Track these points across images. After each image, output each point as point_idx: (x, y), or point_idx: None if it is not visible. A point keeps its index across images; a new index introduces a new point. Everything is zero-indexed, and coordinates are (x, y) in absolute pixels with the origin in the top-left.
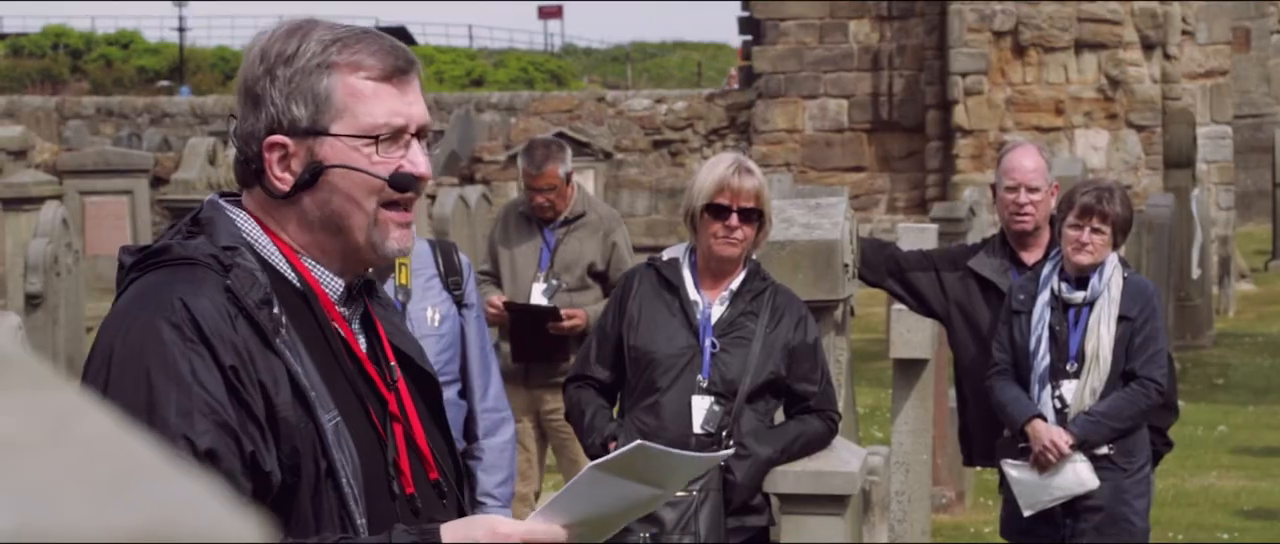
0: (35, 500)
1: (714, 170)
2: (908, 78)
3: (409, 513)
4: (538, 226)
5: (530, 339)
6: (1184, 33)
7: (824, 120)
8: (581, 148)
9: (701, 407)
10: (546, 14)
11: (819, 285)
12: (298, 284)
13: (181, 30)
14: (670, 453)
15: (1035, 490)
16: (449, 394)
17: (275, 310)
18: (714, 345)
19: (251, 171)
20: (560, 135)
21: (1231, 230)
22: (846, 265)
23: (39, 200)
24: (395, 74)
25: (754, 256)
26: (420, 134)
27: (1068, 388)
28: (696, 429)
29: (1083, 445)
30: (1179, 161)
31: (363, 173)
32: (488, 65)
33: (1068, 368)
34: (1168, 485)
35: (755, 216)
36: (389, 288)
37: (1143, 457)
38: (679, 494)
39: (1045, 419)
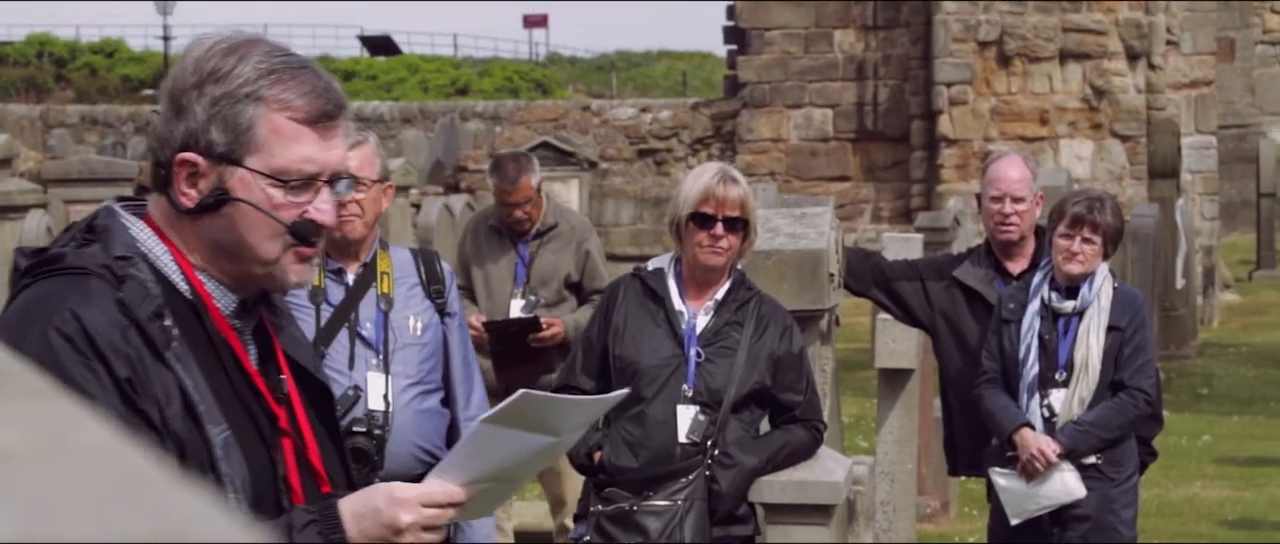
0: (38, 510)
1: (699, 180)
2: (893, 87)
3: None
4: (511, 241)
5: (512, 355)
6: (1169, 43)
7: (809, 130)
8: (566, 157)
9: (687, 416)
10: (531, 23)
11: (804, 295)
12: (189, 296)
13: (166, 39)
14: (555, 398)
15: (1022, 499)
16: (432, 403)
17: (167, 323)
18: (699, 355)
19: (161, 177)
20: (545, 144)
21: (1216, 241)
22: (832, 275)
23: (24, 209)
24: (321, 119)
25: (739, 266)
26: (334, 179)
27: (1056, 397)
28: (682, 439)
29: (1070, 454)
30: (1163, 172)
31: (265, 214)
32: (473, 74)
33: (1057, 377)
34: (1152, 495)
35: (740, 226)
36: (371, 297)
37: (1130, 466)
38: (663, 503)
39: (1033, 428)
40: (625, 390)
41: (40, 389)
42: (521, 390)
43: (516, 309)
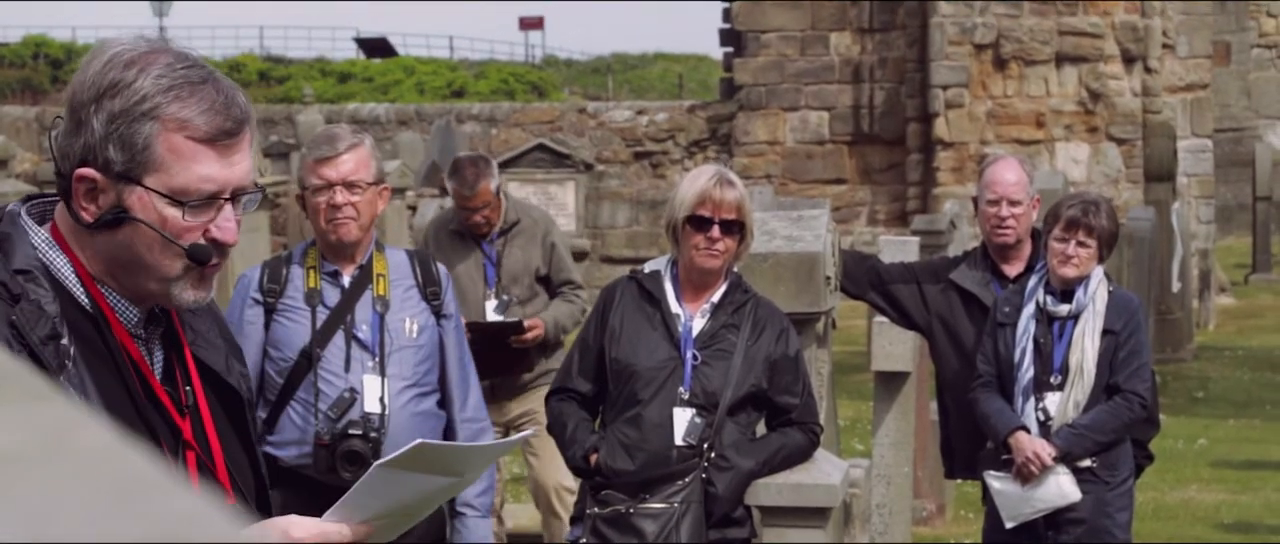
0: (36, 513)
1: (696, 182)
2: (889, 90)
3: None
4: (474, 241)
5: (493, 356)
6: (1165, 46)
7: (805, 132)
8: (562, 159)
9: (683, 419)
10: (527, 25)
11: (801, 298)
12: (89, 309)
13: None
14: (453, 447)
15: (1017, 502)
16: (428, 405)
17: (64, 342)
18: (695, 358)
19: (63, 188)
20: (541, 146)
21: (1212, 244)
22: (828, 278)
23: None
24: (220, 136)
25: (736, 269)
26: (237, 195)
27: (1051, 400)
28: (678, 441)
29: (1065, 458)
30: (1159, 175)
31: (164, 237)
32: (468, 76)
33: (1052, 380)
34: (1148, 499)
35: (737, 229)
36: (367, 299)
37: (1125, 470)
38: (659, 506)
39: (1028, 431)
40: (530, 431)
41: (40, 391)
42: (418, 440)
43: (491, 310)
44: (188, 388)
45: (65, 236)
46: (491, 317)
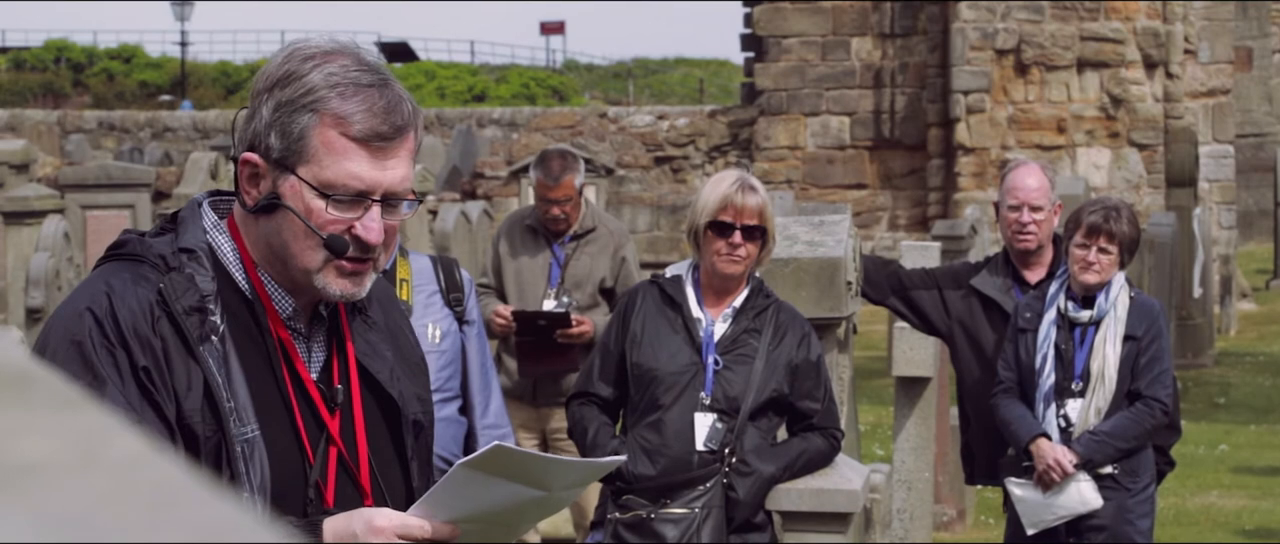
0: (69, 525)
1: (717, 187)
2: (910, 95)
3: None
4: (546, 241)
5: (538, 350)
6: (1186, 52)
7: (826, 137)
8: (584, 165)
9: (704, 424)
10: (548, 30)
11: (822, 303)
12: (248, 293)
13: (184, 44)
14: (531, 455)
15: (1039, 509)
16: (449, 411)
17: (214, 319)
18: (717, 363)
19: (236, 173)
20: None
21: (1233, 249)
22: (849, 283)
23: (41, 214)
24: (374, 139)
25: (757, 274)
26: (388, 199)
27: (1073, 407)
28: (699, 446)
29: (1087, 465)
30: (1181, 180)
31: (305, 224)
32: (490, 81)
33: (1073, 387)
34: (1169, 505)
35: (759, 234)
36: None
37: (1147, 476)
38: (680, 511)
39: (1050, 438)
40: (622, 457)
41: (70, 399)
42: (494, 443)
43: (547, 308)
44: (340, 387)
45: (237, 223)
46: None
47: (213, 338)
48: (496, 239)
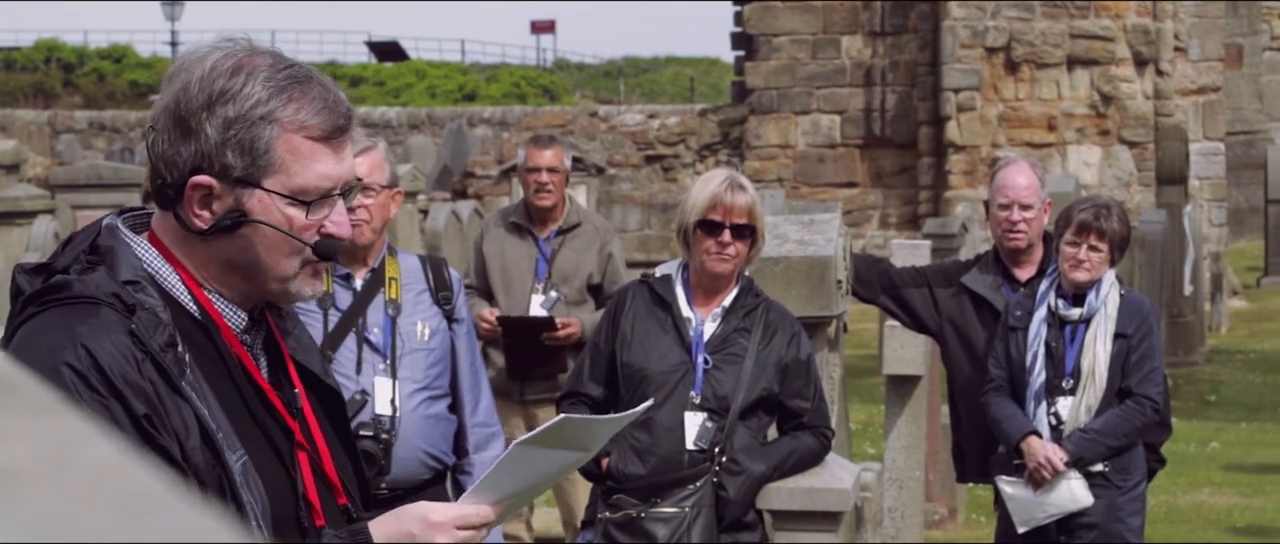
0: (43, 530)
1: (707, 186)
2: (900, 94)
3: None
4: (532, 237)
5: (525, 352)
6: (1176, 49)
7: (816, 136)
8: (574, 163)
9: (694, 423)
10: (539, 29)
11: (812, 302)
12: (199, 316)
13: (174, 44)
14: (594, 420)
15: (1030, 507)
16: (439, 408)
17: (180, 350)
18: (707, 362)
19: (166, 196)
20: None
21: (1224, 247)
22: (840, 281)
23: (31, 214)
24: (335, 134)
25: (747, 273)
26: (346, 191)
27: (1063, 405)
28: (689, 446)
29: (1078, 462)
30: (1171, 178)
31: (286, 235)
32: (480, 80)
33: (1063, 385)
34: (1160, 502)
35: (748, 233)
36: (379, 303)
37: (1138, 474)
38: (670, 510)
39: (1040, 436)
40: (650, 402)
41: (48, 405)
42: (562, 416)
43: (537, 305)
44: (295, 392)
45: (168, 246)
46: (536, 310)
47: (186, 371)
48: (479, 239)
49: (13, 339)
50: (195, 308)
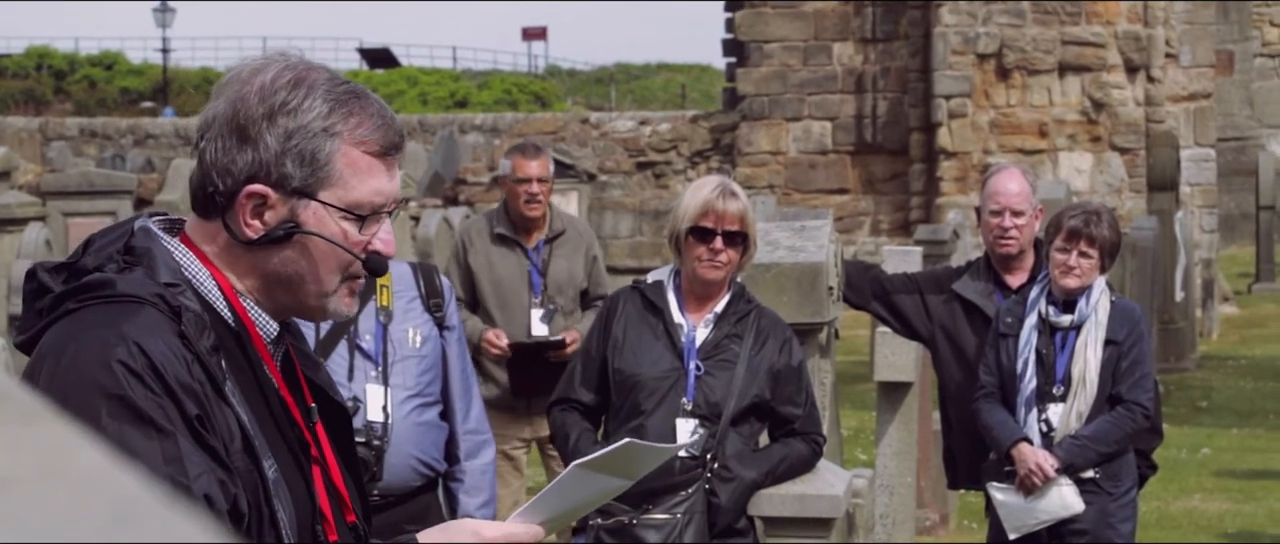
0: (31, 539)
1: (698, 193)
2: (892, 100)
3: None
4: (520, 248)
5: (533, 374)
6: (1167, 56)
7: (808, 142)
8: (565, 170)
9: (686, 429)
10: (530, 36)
11: (804, 308)
12: (232, 323)
13: (165, 51)
14: (655, 448)
15: (1021, 513)
16: (430, 416)
17: (220, 355)
18: (699, 368)
19: (214, 203)
20: None
21: (1215, 253)
22: (831, 288)
23: (22, 221)
24: (389, 150)
25: (739, 279)
26: (392, 209)
27: (1054, 411)
28: (681, 452)
29: (1068, 469)
30: (1162, 184)
31: (339, 248)
32: (471, 87)
33: (1054, 391)
34: (1151, 508)
35: (740, 240)
36: (371, 310)
37: (1129, 480)
38: (662, 517)
39: (1031, 442)
40: (698, 435)
41: (36, 412)
42: (626, 440)
43: (536, 320)
44: (312, 407)
45: (206, 253)
46: (537, 326)
47: (227, 377)
48: (459, 251)
49: (41, 336)
50: (230, 314)
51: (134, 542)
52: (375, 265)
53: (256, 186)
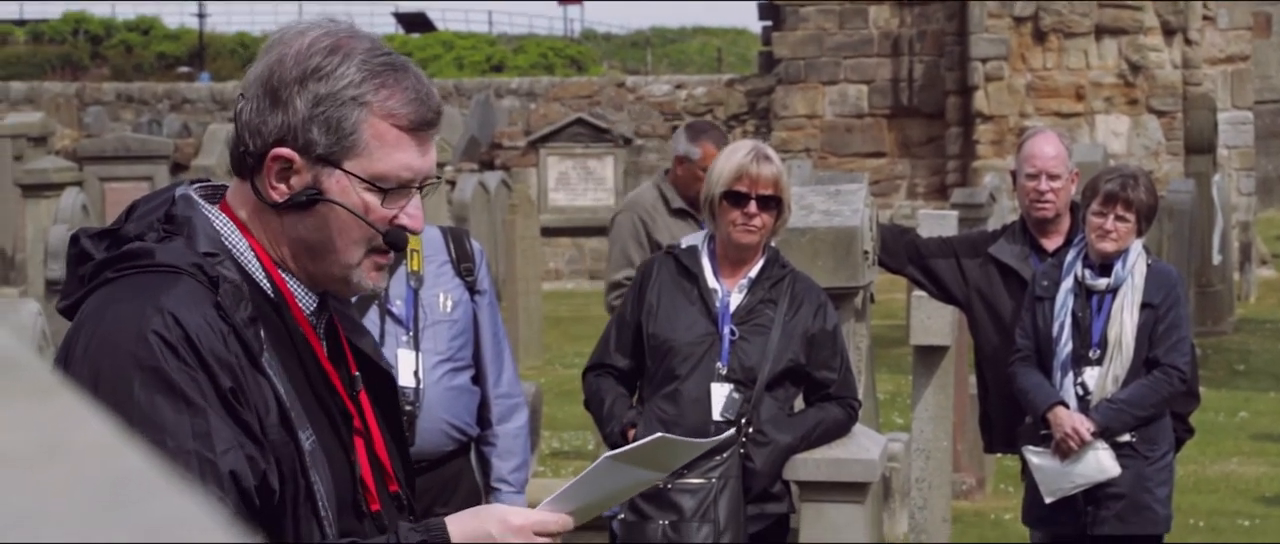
0: (29, 515)
1: (732, 157)
2: (928, 63)
3: (376, 532)
4: (698, 225)
5: None
6: (1205, 18)
7: (844, 106)
8: (601, 134)
9: (721, 394)
10: (566, 0)
11: (839, 272)
12: (272, 294)
13: (201, 16)
14: (688, 443)
15: (1057, 477)
16: (462, 380)
17: (258, 326)
18: (733, 333)
19: (245, 164)
20: (580, 121)
21: (1252, 216)
22: (866, 252)
23: (59, 187)
24: (422, 126)
25: (773, 244)
26: (423, 184)
27: (1090, 375)
28: (716, 417)
29: (1105, 433)
30: (1200, 147)
31: (360, 219)
32: (507, 51)
33: (1090, 355)
34: (1188, 472)
35: (774, 204)
36: (401, 275)
37: (1165, 444)
38: (697, 481)
39: (1067, 406)
40: (732, 433)
41: (45, 386)
42: (659, 434)
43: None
44: (355, 376)
45: (242, 219)
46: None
47: (265, 348)
48: (634, 228)
49: (81, 303)
50: (268, 285)
51: (127, 518)
52: (395, 239)
53: (283, 150)
